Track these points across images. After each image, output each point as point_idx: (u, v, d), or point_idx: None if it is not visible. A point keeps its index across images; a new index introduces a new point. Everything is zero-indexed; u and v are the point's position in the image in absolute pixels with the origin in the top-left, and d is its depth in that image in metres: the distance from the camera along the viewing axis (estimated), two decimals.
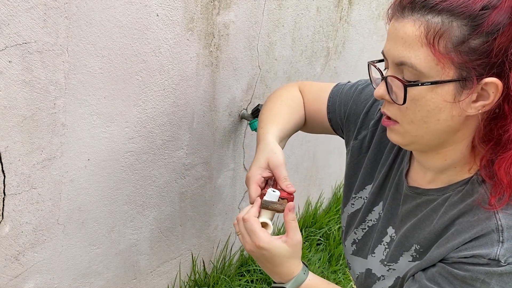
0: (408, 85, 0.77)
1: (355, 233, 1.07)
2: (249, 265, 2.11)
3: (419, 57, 0.75)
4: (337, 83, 1.17)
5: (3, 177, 1.09)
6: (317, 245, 2.44)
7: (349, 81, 1.16)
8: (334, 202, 2.76)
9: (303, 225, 2.48)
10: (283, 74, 1.91)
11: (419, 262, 0.89)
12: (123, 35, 1.20)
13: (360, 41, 2.39)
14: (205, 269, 1.94)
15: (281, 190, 0.98)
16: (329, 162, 2.62)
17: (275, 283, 0.98)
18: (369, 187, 1.05)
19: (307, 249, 2.35)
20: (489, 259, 0.77)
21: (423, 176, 0.92)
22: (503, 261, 0.76)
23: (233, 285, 1.97)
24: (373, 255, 1.02)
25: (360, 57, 2.44)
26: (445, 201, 0.87)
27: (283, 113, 1.15)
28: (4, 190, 1.10)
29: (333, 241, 2.43)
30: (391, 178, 1.00)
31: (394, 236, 0.97)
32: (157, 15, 1.27)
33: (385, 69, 0.84)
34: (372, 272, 1.01)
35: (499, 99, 0.74)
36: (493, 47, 0.71)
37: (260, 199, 0.97)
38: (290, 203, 0.95)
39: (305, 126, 1.21)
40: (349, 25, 2.23)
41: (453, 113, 0.77)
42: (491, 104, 0.75)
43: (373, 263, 1.01)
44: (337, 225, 2.55)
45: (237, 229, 0.97)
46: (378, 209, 1.02)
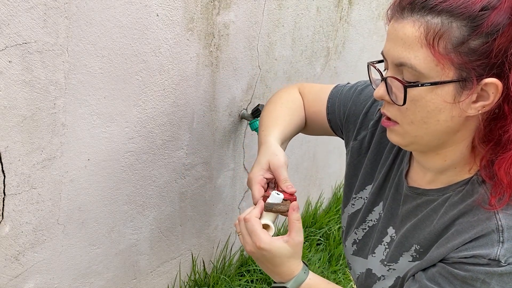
0: (408, 86, 0.77)
1: (356, 233, 1.07)
2: (249, 265, 2.11)
3: (419, 58, 0.75)
4: (337, 85, 1.17)
5: (3, 177, 1.09)
6: (317, 245, 2.44)
7: (348, 83, 1.16)
8: (334, 202, 2.76)
9: (303, 225, 2.48)
10: (283, 74, 1.91)
11: (419, 262, 0.89)
12: (123, 35, 1.20)
13: (360, 41, 2.39)
14: (205, 269, 1.94)
15: (283, 191, 0.98)
16: (329, 162, 2.61)
17: (275, 283, 0.98)
18: (369, 187, 1.05)
19: (307, 249, 2.35)
20: (489, 259, 0.77)
21: (423, 176, 0.92)
22: (503, 261, 0.76)
23: (233, 285, 1.97)
24: (373, 255, 1.02)
25: (360, 57, 2.44)
26: (445, 201, 0.87)
27: (283, 115, 1.15)
28: (4, 190, 1.10)
29: (333, 241, 2.43)
30: (391, 178, 1.00)
31: (394, 236, 0.97)
32: (157, 15, 1.27)
33: (384, 69, 0.84)
34: (372, 272, 1.01)
35: (499, 100, 0.74)
36: (493, 47, 0.71)
37: (262, 201, 0.97)
38: (294, 203, 0.95)
39: (305, 128, 1.21)
40: (349, 25, 2.23)
41: (453, 114, 0.77)
42: (491, 104, 0.75)
43: (374, 263, 1.01)
44: (337, 225, 2.55)
45: (238, 230, 0.97)
46: (378, 209, 1.02)
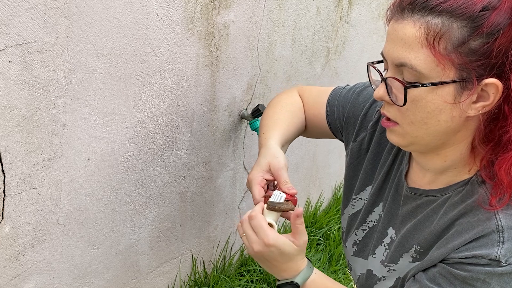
0: (408, 86, 0.77)
1: (356, 234, 1.07)
2: (249, 265, 2.11)
3: (419, 58, 0.75)
4: (336, 87, 1.17)
5: (3, 177, 1.09)
6: (317, 245, 2.44)
7: (347, 84, 1.17)
8: (334, 202, 2.76)
9: None
10: (283, 74, 1.91)
11: (419, 262, 0.89)
12: (123, 35, 1.20)
13: (360, 41, 2.39)
14: (205, 269, 1.94)
15: (284, 193, 0.98)
16: (329, 162, 2.61)
17: (279, 281, 0.97)
18: (369, 188, 1.05)
19: (307, 249, 2.35)
20: (490, 259, 0.77)
21: (422, 177, 0.92)
22: (503, 262, 0.76)
23: (233, 285, 1.97)
24: (373, 255, 1.02)
25: (360, 57, 2.44)
26: (445, 201, 0.87)
27: (284, 118, 1.15)
28: (4, 190, 1.10)
29: (333, 241, 2.43)
30: (391, 179, 1.00)
31: (394, 237, 0.97)
32: (157, 15, 1.27)
33: (384, 70, 0.84)
34: (372, 273, 1.01)
35: (499, 100, 0.74)
36: (493, 48, 0.71)
37: (263, 202, 0.97)
38: (298, 209, 0.94)
39: (305, 131, 1.22)
40: (349, 25, 2.23)
41: (453, 114, 0.77)
42: (491, 105, 0.75)
43: (374, 264, 1.01)
44: (337, 225, 2.55)
45: (241, 231, 0.96)
46: (378, 210, 1.02)
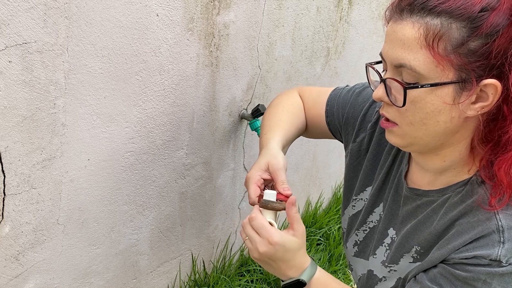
0: (407, 87, 0.77)
1: (357, 235, 1.07)
2: (249, 265, 2.11)
3: (419, 59, 0.75)
4: (335, 88, 1.17)
5: (3, 177, 1.09)
6: (317, 245, 2.44)
7: (347, 85, 1.17)
8: (334, 202, 2.76)
9: None
10: (283, 74, 1.91)
11: (420, 263, 0.89)
12: (123, 35, 1.20)
13: (360, 41, 2.39)
14: (205, 269, 1.94)
15: (279, 193, 0.98)
16: (329, 162, 2.61)
17: (283, 281, 0.96)
18: (369, 189, 1.05)
19: (307, 249, 2.35)
20: (490, 259, 0.77)
21: (422, 177, 0.92)
22: (504, 262, 0.76)
23: (233, 285, 1.97)
24: (374, 256, 1.02)
25: (360, 57, 2.44)
26: (445, 202, 0.87)
27: (285, 119, 1.15)
28: (4, 190, 1.10)
29: (333, 241, 2.43)
30: (391, 179, 1.00)
31: (394, 237, 0.97)
32: (157, 15, 1.27)
33: (383, 71, 0.83)
34: (373, 273, 1.01)
35: (498, 101, 0.74)
36: (492, 48, 0.71)
37: (258, 204, 0.97)
38: (292, 197, 0.95)
39: (306, 131, 1.22)
40: (349, 25, 2.23)
41: (452, 115, 0.77)
42: (490, 105, 0.75)
43: (375, 264, 1.01)
44: (337, 225, 2.55)
45: (243, 236, 0.95)
46: (378, 210, 1.02)
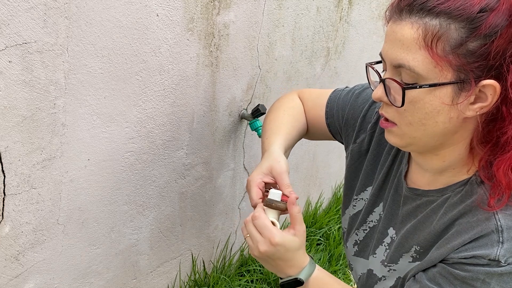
0: (406, 87, 0.77)
1: (357, 234, 1.07)
2: (249, 265, 2.11)
3: (417, 60, 0.75)
4: (335, 89, 1.18)
5: (3, 177, 1.09)
6: (317, 245, 2.44)
7: (347, 86, 1.17)
8: (334, 202, 2.76)
9: None
10: (283, 74, 1.91)
11: (419, 262, 0.89)
12: (123, 35, 1.20)
13: (360, 41, 2.39)
14: (205, 269, 1.94)
15: (284, 196, 0.98)
16: (329, 162, 2.61)
17: (281, 279, 0.97)
18: (369, 189, 1.05)
19: (307, 249, 2.35)
20: (489, 259, 0.77)
21: (421, 177, 0.93)
22: (503, 262, 0.76)
23: (233, 285, 1.97)
24: (374, 255, 1.02)
25: (360, 57, 2.44)
26: (444, 202, 0.87)
27: (285, 122, 1.16)
28: (4, 190, 1.10)
29: (333, 241, 2.43)
30: (391, 179, 1.00)
31: (394, 237, 0.97)
32: (157, 15, 1.27)
33: (383, 71, 0.84)
34: (373, 272, 1.01)
35: (497, 101, 0.74)
36: (491, 49, 0.71)
37: (262, 203, 0.97)
38: (292, 196, 0.95)
39: (307, 133, 1.23)
40: (349, 25, 2.23)
41: (451, 115, 0.77)
42: (489, 106, 0.75)
43: (374, 264, 1.01)
44: (337, 225, 2.55)
45: (245, 233, 0.96)
46: (378, 210, 1.02)
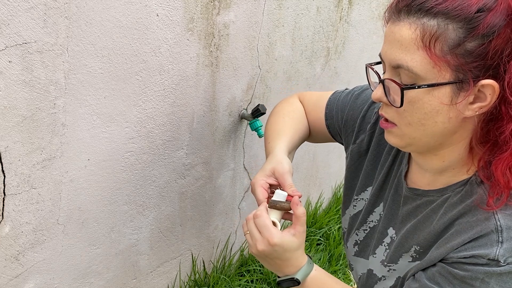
0: (405, 88, 0.77)
1: (357, 234, 1.07)
2: (249, 265, 2.11)
3: (416, 60, 0.75)
4: (335, 91, 1.18)
5: (3, 177, 1.09)
6: (317, 245, 2.44)
7: (346, 88, 1.18)
8: (334, 202, 2.76)
9: None
10: (283, 74, 1.91)
11: (419, 262, 0.89)
12: (123, 35, 1.20)
13: (360, 41, 2.39)
14: (205, 269, 1.94)
15: (289, 196, 0.99)
16: (329, 162, 2.61)
17: (279, 277, 0.98)
18: (370, 189, 1.05)
19: (307, 249, 2.35)
20: (489, 259, 0.77)
21: (421, 177, 0.93)
22: (502, 261, 0.77)
23: (233, 285, 1.97)
24: (374, 255, 1.02)
25: (360, 57, 2.44)
26: (444, 202, 0.87)
27: (288, 126, 1.16)
28: (4, 190, 1.10)
29: (333, 241, 2.43)
30: (391, 179, 1.00)
31: (394, 237, 0.97)
32: (157, 15, 1.27)
33: (383, 71, 0.84)
34: (373, 272, 1.02)
35: (495, 101, 0.74)
36: (489, 49, 0.72)
37: (266, 202, 0.98)
38: (295, 197, 0.96)
39: (309, 136, 1.23)
40: (349, 25, 2.23)
41: (450, 115, 0.78)
42: (488, 105, 0.75)
43: (374, 264, 1.01)
44: (337, 225, 2.55)
45: (245, 229, 0.97)
46: (378, 210, 1.03)
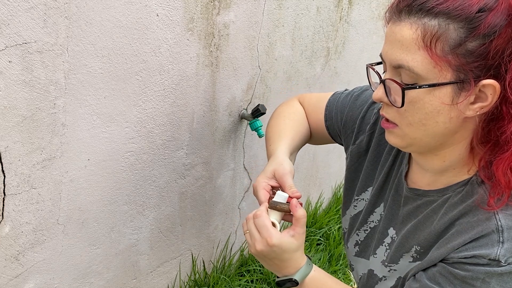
0: (405, 88, 0.77)
1: (357, 235, 1.07)
2: (249, 265, 2.11)
3: (417, 60, 0.75)
4: (334, 92, 1.19)
5: (3, 177, 1.09)
6: (317, 245, 2.44)
7: (346, 89, 1.18)
8: (334, 202, 2.76)
9: None
10: (283, 74, 1.91)
11: (419, 262, 0.89)
12: (123, 35, 1.20)
13: (360, 41, 2.39)
14: (205, 269, 1.94)
15: (289, 197, 0.99)
16: (329, 162, 2.61)
17: (278, 277, 0.98)
18: (370, 189, 1.05)
19: (307, 249, 2.35)
20: (490, 259, 0.77)
21: (422, 177, 0.93)
22: (503, 261, 0.76)
23: (233, 285, 1.97)
24: (374, 256, 1.02)
25: (360, 57, 2.44)
26: (445, 202, 0.87)
27: (288, 127, 1.17)
28: (4, 190, 1.10)
29: (333, 241, 2.43)
30: (391, 180, 1.00)
31: (395, 237, 0.97)
32: (157, 15, 1.27)
33: (383, 72, 0.84)
34: (374, 273, 1.01)
35: (496, 101, 0.74)
36: (490, 49, 0.71)
37: (267, 203, 0.98)
38: (294, 199, 0.96)
39: (310, 138, 1.23)
40: (349, 25, 2.23)
41: (451, 115, 0.77)
42: (489, 105, 0.75)
43: (375, 264, 1.01)
44: (337, 225, 2.55)
45: (245, 229, 0.98)
46: (379, 210, 1.02)
